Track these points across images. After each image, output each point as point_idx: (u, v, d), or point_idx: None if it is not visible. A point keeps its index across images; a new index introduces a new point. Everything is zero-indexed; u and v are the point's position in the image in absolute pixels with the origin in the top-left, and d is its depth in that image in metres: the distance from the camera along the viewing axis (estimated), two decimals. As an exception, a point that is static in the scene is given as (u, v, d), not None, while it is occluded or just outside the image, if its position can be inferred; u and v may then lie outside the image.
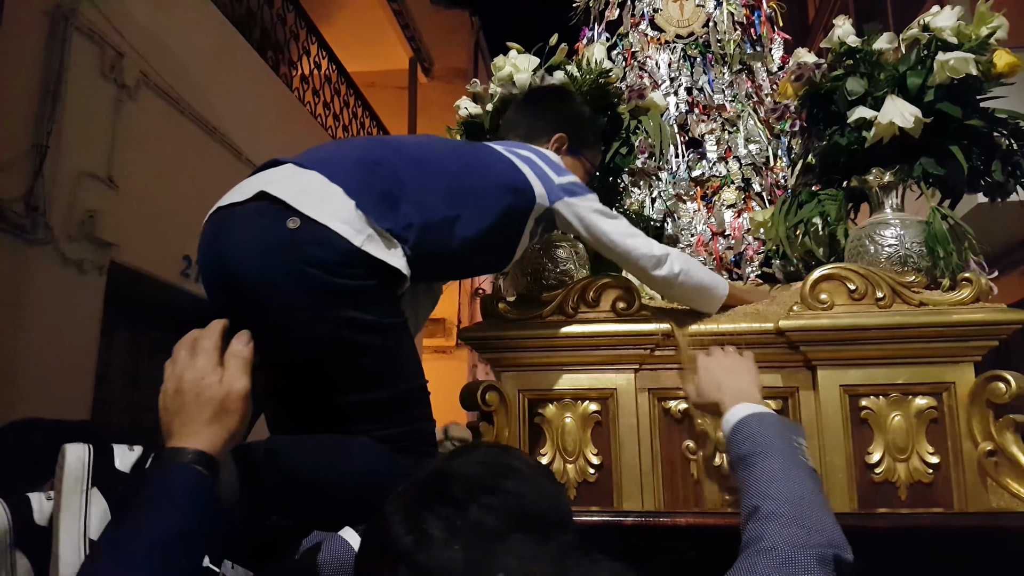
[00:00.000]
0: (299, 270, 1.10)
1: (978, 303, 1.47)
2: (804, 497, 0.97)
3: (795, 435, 1.10)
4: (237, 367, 0.93)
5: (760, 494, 0.98)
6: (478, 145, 1.49)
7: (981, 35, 1.56)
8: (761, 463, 1.03)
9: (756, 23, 2.06)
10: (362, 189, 1.19)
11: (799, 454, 1.05)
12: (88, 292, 3.89)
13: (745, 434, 1.09)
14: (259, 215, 1.14)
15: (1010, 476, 1.42)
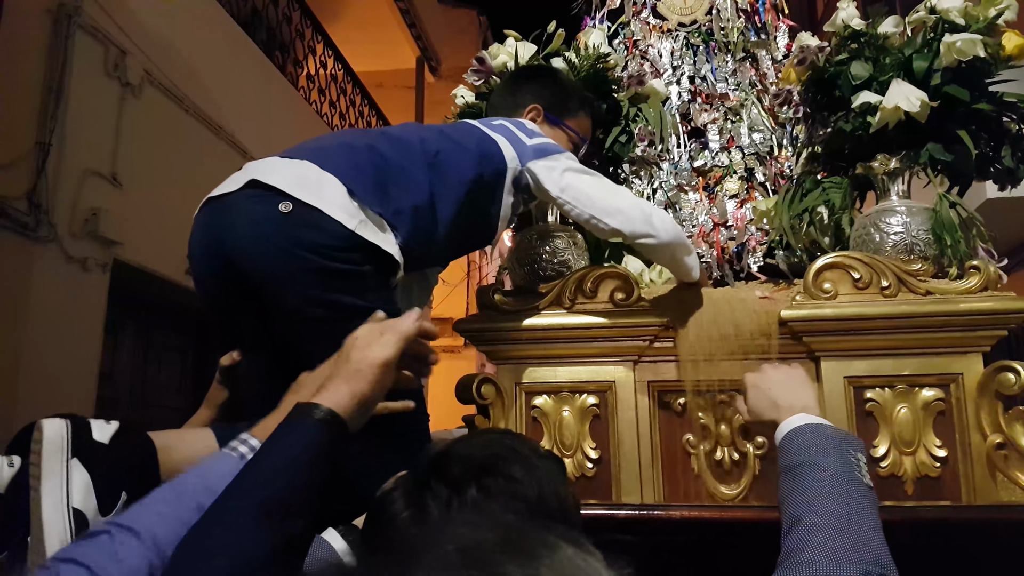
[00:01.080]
0: (292, 253, 1.11)
1: (986, 292, 1.43)
2: (852, 513, 0.91)
3: (854, 450, 1.03)
4: (389, 338, 0.91)
5: (805, 506, 0.93)
6: (454, 124, 1.48)
7: (989, 16, 1.52)
8: (811, 474, 0.97)
9: (760, 10, 2.02)
10: (353, 175, 1.20)
11: (855, 470, 0.99)
12: (92, 290, 3.89)
13: (799, 444, 1.04)
14: (252, 201, 1.15)
15: (1020, 469, 1.38)
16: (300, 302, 1.13)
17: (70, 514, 0.87)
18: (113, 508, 0.90)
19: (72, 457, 0.91)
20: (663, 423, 1.53)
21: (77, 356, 3.76)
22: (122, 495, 0.92)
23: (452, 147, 1.36)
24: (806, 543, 0.87)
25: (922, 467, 1.42)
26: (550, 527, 0.48)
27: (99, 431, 0.96)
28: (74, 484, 0.89)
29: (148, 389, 4.74)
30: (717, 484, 1.48)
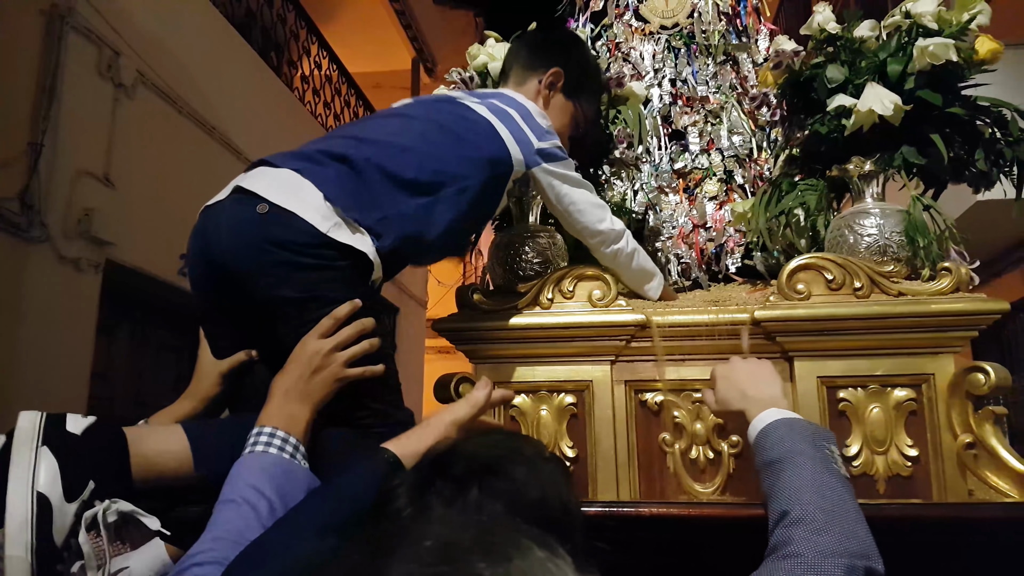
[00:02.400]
0: (263, 248, 1.18)
1: (958, 293, 1.45)
2: (836, 505, 0.93)
3: (827, 442, 1.06)
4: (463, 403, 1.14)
5: (789, 499, 0.94)
6: (455, 112, 1.45)
7: (962, 21, 1.53)
8: (791, 469, 0.99)
9: (742, 14, 2.04)
10: (329, 183, 1.25)
11: (831, 462, 1.01)
12: (84, 290, 3.90)
13: (774, 439, 1.06)
14: (235, 204, 1.24)
15: (989, 469, 1.40)
16: (273, 295, 1.19)
17: (34, 497, 0.90)
18: (79, 495, 0.93)
19: (43, 445, 0.94)
20: (639, 422, 1.55)
21: (70, 356, 3.78)
22: (89, 483, 0.94)
23: (452, 150, 1.37)
24: (791, 537, 0.88)
25: (894, 466, 1.44)
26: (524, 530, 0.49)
27: (73, 423, 1.00)
28: (41, 470, 0.92)
29: (143, 389, 4.76)
30: (692, 482, 1.50)
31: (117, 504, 0.96)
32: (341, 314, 1.16)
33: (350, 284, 1.23)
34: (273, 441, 1.02)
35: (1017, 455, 1.39)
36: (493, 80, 1.75)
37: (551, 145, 1.48)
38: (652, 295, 1.61)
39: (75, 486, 0.93)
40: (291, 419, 1.06)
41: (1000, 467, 1.39)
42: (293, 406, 1.07)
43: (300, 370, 1.11)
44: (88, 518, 0.92)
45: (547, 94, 1.61)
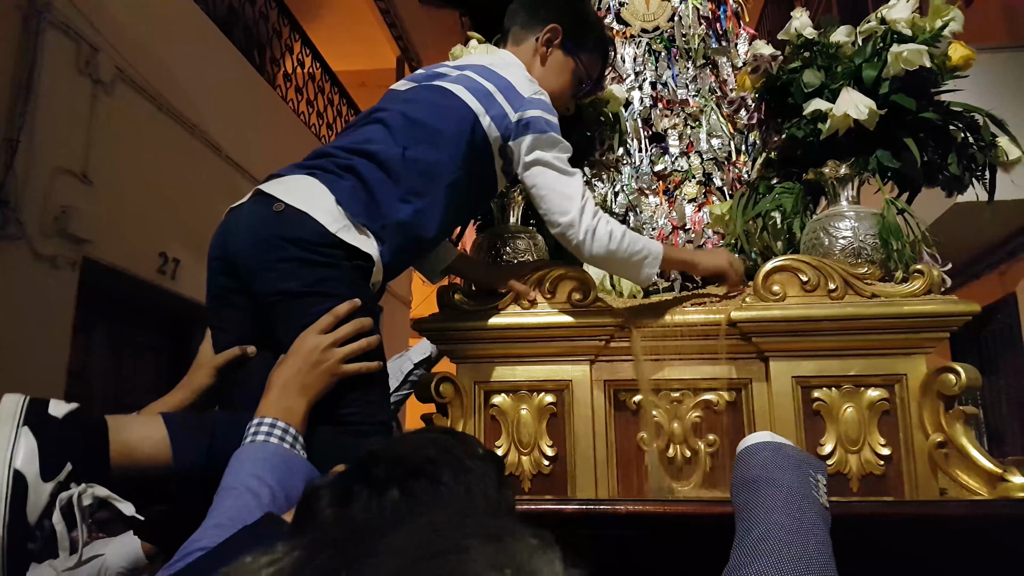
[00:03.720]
0: (274, 244, 1.24)
1: (930, 295, 1.48)
2: (802, 528, 0.91)
3: (813, 471, 1.04)
4: None
5: (756, 520, 0.93)
6: (427, 100, 1.46)
7: (935, 27, 1.56)
8: (766, 490, 0.98)
9: (722, 18, 2.06)
10: (342, 192, 1.32)
11: (812, 488, 1.00)
12: (61, 288, 3.86)
13: (759, 460, 1.04)
14: (253, 204, 1.32)
15: (960, 467, 1.42)
16: (279, 288, 1.25)
17: (10, 474, 0.91)
18: (56, 476, 0.93)
19: (23, 425, 0.95)
20: (618, 421, 1.56)
21: (46, 355, 3.74)
22: (67, 465, 0.95)
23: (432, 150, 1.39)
24: (754, 556, 0.88)
25: (867, 465, 1.46)
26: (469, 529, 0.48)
27: (56, 408, 1.02)
28: (20, 448, 0.94)
29: (122, 388, 4.71)
30: (670, 480, 1.51)
31: (93, 488, 0.97)
32: (341, 312, 1.20)
33: (352, 284, 1.27)
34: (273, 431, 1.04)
35: (987, 453, 1.42)
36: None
37: (532, 115, 1.44)
38: (648, 279, 1.52)
39: (52, 467, 0.94)
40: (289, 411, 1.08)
41: (970, 466, 1.41)
42: (291, 398, 1.10)
43: (299, 364, 1.14)
44: (63, 499, 0.93)
45: (544, 51, 1.59)
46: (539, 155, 1.44)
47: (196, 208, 4.66)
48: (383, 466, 0.74)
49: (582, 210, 1.43)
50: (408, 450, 0.78)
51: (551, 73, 1.57)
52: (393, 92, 1.53)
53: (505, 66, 1.52)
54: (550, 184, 1.44)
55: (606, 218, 1.46)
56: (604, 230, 1.44)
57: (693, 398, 1.53)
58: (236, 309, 1.33)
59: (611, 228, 1.44)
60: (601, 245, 1.44)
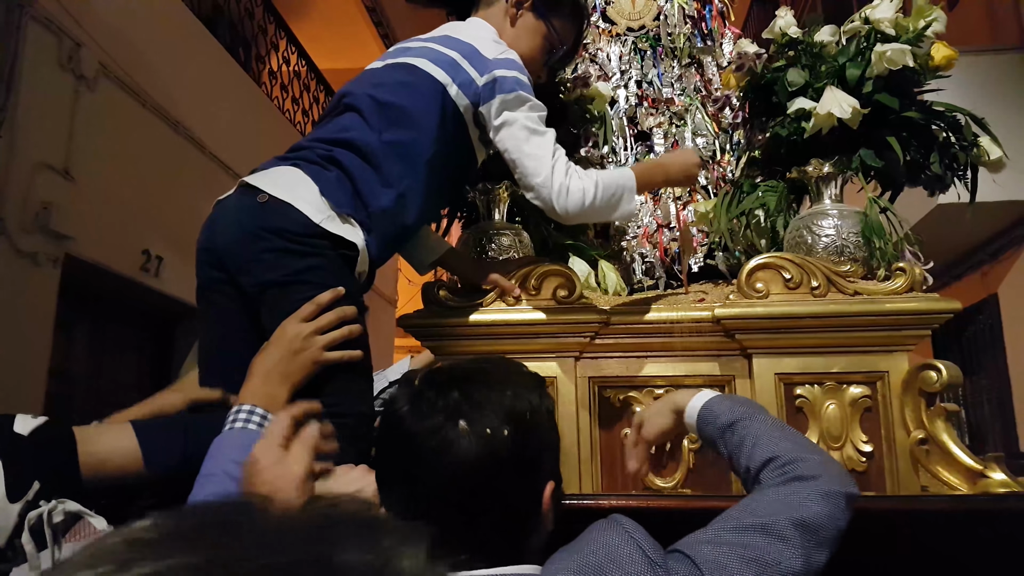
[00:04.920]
0: (259, 235, 1.25)
1: (911, 293, 1.49)
2: (812, 445, 0.96)
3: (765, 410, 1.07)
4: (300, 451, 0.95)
5: (768, 447, 0.94)
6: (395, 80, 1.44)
7: (918, 27, 1.57)
8: (754, 426, 0.99)
9: (707, 17, 2.07)
10: (326, 182, 1.32)
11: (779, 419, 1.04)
12: (42, 285, 3.82)
13: (722, 408, 1.05)
14: (238, 196, 1.32)
15: (941, 464, 1.44)
16: (263, 278, 1.25)
17: None
18: (24, 495, 0.91)
19: None
20: (602, 417, 1.56)
21: (27, 352, 3.69)
22: (34, 484, 0.93)
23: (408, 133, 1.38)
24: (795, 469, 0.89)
25: (849, 461, 1.47)
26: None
27: (21, 424, 0.99)
28: None
29: (104, 386, 4.67)
30: (653, 477, 1.52)
31: (64, 504, 0.95)
32: (323, 300, 1.19)
33: (337, 273, 1.27)
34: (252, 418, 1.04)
35: (967, 450, 1.43)
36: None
37: (499, 75, 1.41)
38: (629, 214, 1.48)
39: (19, 487, 0.92)
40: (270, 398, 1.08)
41: (951, 462, 1.42)
42: (272, 386, 1.10)
43: (280, 351, 1.13)
44: (32, 518, 0.91)
45: (514, 13, 1.55)
46: (508, 116, 1.40)
47: (180, 205, 4.62)
48: (446, 372, 0.88)
49: (553, 169, 1.37)
50: (466, 363, 0.91)
51: (521, 36, 1.53)
52: (366, 72, 1.51)
53: (469, 31, 1.49)
54: (520, 146, 1.39)
55: (579, 173, 1.40)
56: (577, 187, 1.38)
57: (677, 395, 1.53)
58: (224, 301, 1.33)
59: (583, 185, 1.38)
60: (575, 203, 1.38)
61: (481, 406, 0.83)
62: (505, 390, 0.85)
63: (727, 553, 0.79)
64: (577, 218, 1.43)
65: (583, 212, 1.40)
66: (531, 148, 1.39)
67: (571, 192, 1.37)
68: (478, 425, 0.81)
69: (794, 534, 0.81)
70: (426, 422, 0.82)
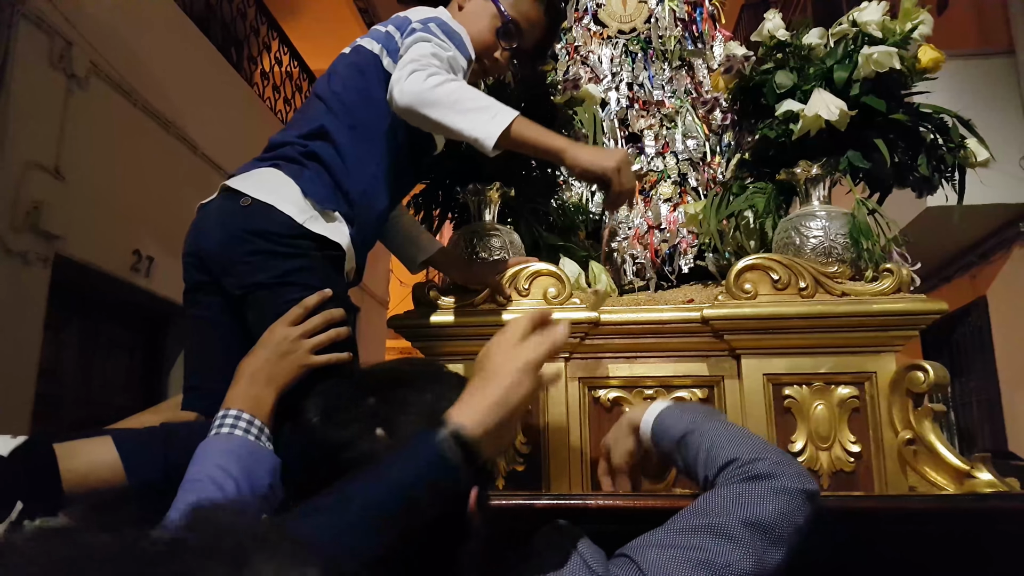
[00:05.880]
0: (243, 238, 1.24)
1: (899, 293, 1.50)
2: (769, 445, 0.94)
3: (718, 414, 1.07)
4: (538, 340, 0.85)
5: (729, 451, 0.92)
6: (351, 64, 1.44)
7: (905, 30, 1.59)
8: (708, 433, 0.97)
9: (697, 20, 2.08)
10: (307, 180, 1.32)
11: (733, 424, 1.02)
12: (32, 285, 3.80)
13: (672, 419, 1.04)
14: (221, 200, 1.32)
15: (928, 464, 1.45)
16: (249, 281, 1.25)
17: None
18: (6, 517, 0.91)
19: None
20: (593, 418, 1.57)
21: (16, 352, 3.67)
22: (17, 504, 0.92)
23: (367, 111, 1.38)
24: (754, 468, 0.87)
25: (837, 462, 1.48)
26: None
27: (1, 445, 0.97)
28: None
29: (94, 386, 4.65)
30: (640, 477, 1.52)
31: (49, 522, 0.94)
32: (311, 303, 1.19)
33: (324, 274, 1.27)
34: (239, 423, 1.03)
35: (955, 450, 1.44)
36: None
37: (416, 26, 1.38)
38: (489, 135, 1.25)
39: (2, 507, 0.91)
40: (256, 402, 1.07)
41: (938, 463, 1.44)
42: (258, 389, 1.09)
43: (267, 354, 1.12)
44: None
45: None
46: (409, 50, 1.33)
47: (171, 205, 4.61)
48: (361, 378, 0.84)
49: (409, 61, 1.29)
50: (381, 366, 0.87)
51: (468, 17, 1.49)
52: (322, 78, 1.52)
53: (412, 10, 1.48)
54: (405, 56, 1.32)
55: (440, 73, 1.28)
56: (421, 75, 1.26)
57: (666, 395, 1.54)
58: (211, 305, 1.33)
59: (431, 73, 1.27)
60: (412, 83, 1.26)
61: (400, 409, 0.78)
62: (424, 392, 0.81)
63: (675, 556, 0.77)
64: (411, 103, 1.26)
65: (419, 95, 1.25)
66: (412, 52, 1.32)
67: (412, 78, 1.26)
68: (398, 431, 0.76)
69: (744, 533, 0.79)
70: (341, 432, 0.77)
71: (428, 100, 1.25)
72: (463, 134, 1.26)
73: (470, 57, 1.42)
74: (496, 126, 1.24)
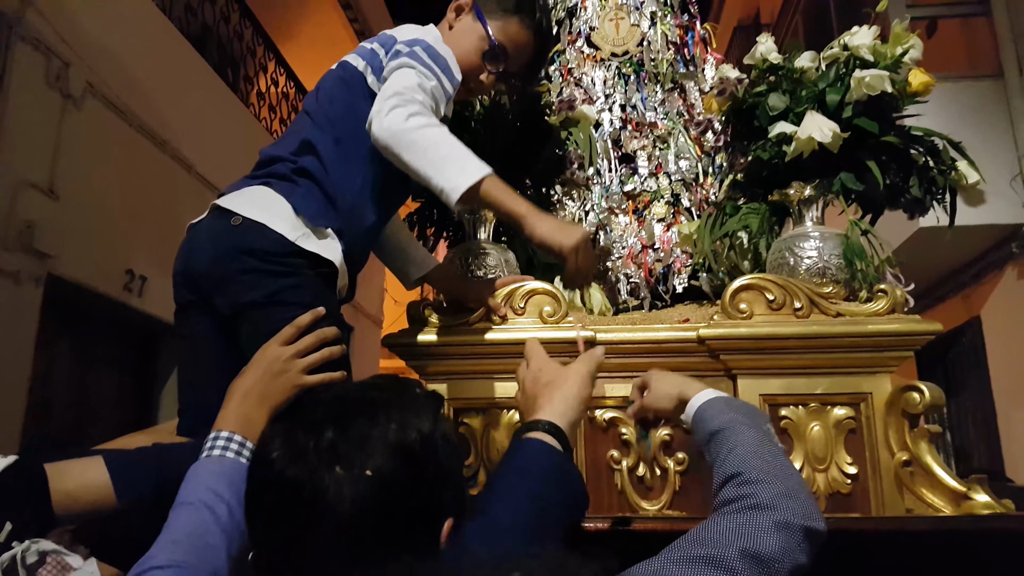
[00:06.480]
0: (235, 256, 1.24)
1: (893, 314, 1.50)
2: (783, 470, 0.90)
3: (763, 421, 1.05)
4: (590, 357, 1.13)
5: (738, 463, 0.91)
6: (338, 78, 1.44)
7: (896, 54, 1.60)
8: (735, 436, 0.97)
9: (689, 43, 2.10)
10: (298, 197, 1.31)
11: (771, 436, 1.00)
12: (24, 304, 3.78)
13: (713, 412, 1.04)
14: (212, 219, 1.32)
15: (924, 486, 1.44)
16: (241, 300, 1.24)
17: None
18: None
19: None
20: (588, 438, 1.56)
21: (8, 371, 3.64)
22: (6, 524, 0.91)
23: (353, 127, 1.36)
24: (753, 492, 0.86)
25: (834, 483, 1.48)
26: None
27: None
28: None
29: (85, 405, 4.62)
30: (639, 500, 1.51)
31: (38, 544, 0.93)
32: (303, 322, 1.17)
33: (316, 292, 1.26)
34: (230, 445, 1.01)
35: (951, 472, 1.44)
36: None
37: (401, 48, 1.38)
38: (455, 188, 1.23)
39: None
40: (248, 423, 1.05)
41: (935, 484, 1.43)
42: (250, 410, 1.07)
43: (259, 375, 1.11)
44: (5, 561, 0.89)
45: (452, 18, 1.53)
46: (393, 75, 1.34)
47: (165, 225, 4.60)
48: (321, 408, 0.79)
49: (388, 98, 1.28)
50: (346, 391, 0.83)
51: (455, 38, 1.48)
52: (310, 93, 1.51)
53: (400, 28, 1.48)
54: (388, 83, 1.32)
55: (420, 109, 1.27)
56: (404, 112, 1.26)
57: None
58: (203, 325, 1.32)
59: (415, 111, 1.26)
60: (392, 121, 1.25)
61: (360, 443, 0.73)
62: (389, 421, 0.76)
63: None
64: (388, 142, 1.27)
65: (396, 135, 1.25)
66: (396, 81, 1.32)
67: (392, 113, 1.26)
68: (357, 467, 0.71)
69: (743, 567, 0.76)
70: (297, 468, 0.72)
71: (404, 142, 1.26)
72: (430, 182, 1.25)
73: (456, 82, 1.42)
74: (464, 180, 1.23)
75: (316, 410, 0.79)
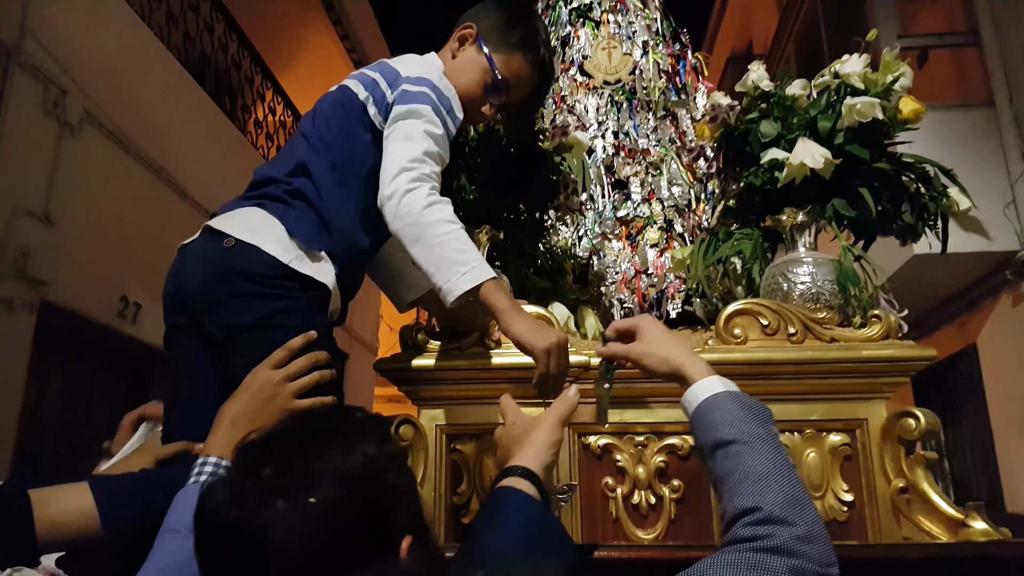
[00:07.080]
0: (227, 279, 1.23)
1: (888, 340, 1.50)
2: (802, 502, 0.84)
3: (771, 422, 0.97)
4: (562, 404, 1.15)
5: (755, 494, 0.85)
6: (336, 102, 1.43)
7: (887, 82, 1.62)
8: (751, 456, 0.89)
9: (681, 72, 2.12)
10: (291, 219, 1.31)
11: (784, 447, 0.94)
12: (16, 330, 3.76)
13: (725, 416, 0.95)
14: (204, 241, 1.31)
15: (921, 513, 1.43)
16: (233, 323, 1.23)
17: None
18: None
19: None
20: (583, 465, 1.54)
21: (-2, 398, 3.62)
22: None
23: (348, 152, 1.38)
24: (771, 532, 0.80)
25: (830, 511, 1.46)
26: None
27: None
28: None
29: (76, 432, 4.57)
30: (634, 528, 1.49)
31: (20, 572, 0.91)
32: (295, 345, 1.17)
33: (308, 315, 1.25)
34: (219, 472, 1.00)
35: (948, 499, 1.42)
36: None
37: (407, 88, 1.38)
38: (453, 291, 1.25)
39: None
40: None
41: (932, 511, 1.42)
42: (240, 434, 1.05)
43: (250, 399, 1.10)
44: None
45: (455, 48, 1.53)
46: (397, 125, 1.35)
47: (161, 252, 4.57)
48: (256, 447, 0.76)
49: (403, 169, 1.28)
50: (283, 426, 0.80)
51: (458, 68, 1.49)
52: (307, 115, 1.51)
53: (402, 60, 1.48)
54: (393, 147, 1.33)
55: (435, 194, 1.29)
56: (420, 196, 1.27)
57: (657, 442, 1.52)
58: (193, 347, 1.31)
59: (431, 200, 1.27)
60: (408, 210, 1.26)
61: (302, 474, 0.71)
62: (331, 448, 0.74)
63: None
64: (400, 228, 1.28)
65: (409, 227, 1.27)
66: (403, 151, 1.31)
67: (410, 197, 1.27)
68: (301, 498, 0.69)
69: None
70: (240, 510, 0.69)
71: (414, 234, 1.26)
72: (432, 278, 1.27)
73: (459, 122, 1.43)
74: (464, 283, 1.25)
75: (252, 451, 0.75)
